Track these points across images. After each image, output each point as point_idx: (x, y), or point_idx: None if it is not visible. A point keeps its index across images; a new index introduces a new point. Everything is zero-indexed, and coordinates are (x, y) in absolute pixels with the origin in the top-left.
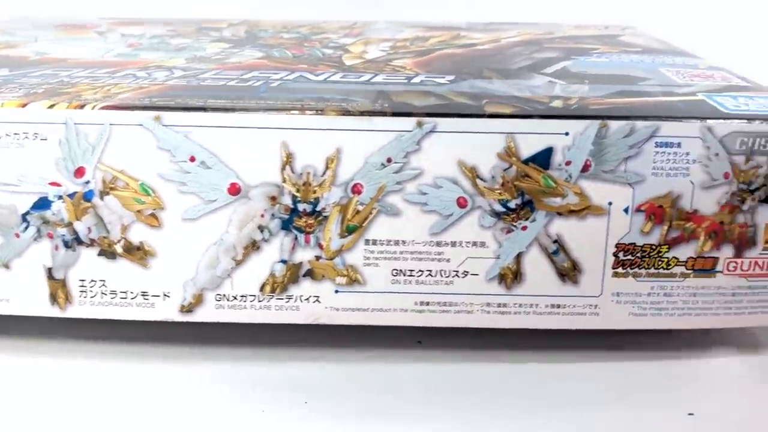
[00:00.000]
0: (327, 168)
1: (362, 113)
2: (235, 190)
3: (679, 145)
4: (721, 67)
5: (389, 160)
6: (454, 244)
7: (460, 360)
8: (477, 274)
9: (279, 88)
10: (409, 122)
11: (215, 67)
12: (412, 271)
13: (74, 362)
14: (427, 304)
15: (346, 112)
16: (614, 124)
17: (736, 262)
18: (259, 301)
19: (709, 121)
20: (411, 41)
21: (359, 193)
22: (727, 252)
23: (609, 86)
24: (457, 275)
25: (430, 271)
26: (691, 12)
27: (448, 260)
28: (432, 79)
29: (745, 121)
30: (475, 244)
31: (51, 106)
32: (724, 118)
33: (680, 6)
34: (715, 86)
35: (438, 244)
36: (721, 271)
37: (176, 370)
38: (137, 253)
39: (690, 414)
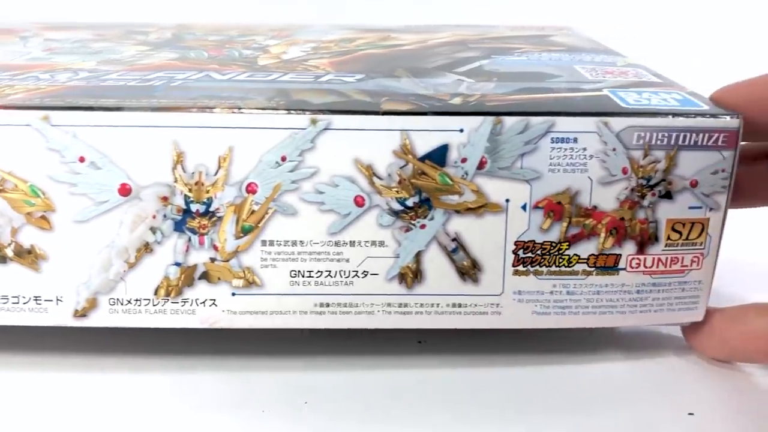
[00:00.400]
0: (219, 167)
1: (254, 110)
2: (125, 191)
3: (575, 140)
4: (638, 65)
5: (284, 159)
6: (353, 243)
7: (460, 361)
8: (377, 274)
9: (178, 87)
10: (303, 119)
11: (123, 68)
12: (310, 272)
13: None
14: (327, 305)
15: (238, 110)
16: (509, 120)
17: (639, 259)
18: (154, 305)
19: (605, 116)
20: (336, 42)
21: (254, 192)
22: (629, 249)
23: (515, 83)
24: (356, 275)
25: (330, 271)
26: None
27: (347, 260)
28: (340, 78)
29: (642, 115)
30: (374, 243)
31: None
32: (620, 114)
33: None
34: (624, 82)
35: (336, 244)
36: (624, 269)
37: (176, 370)
38: (28, 256)
39: (690, 414)
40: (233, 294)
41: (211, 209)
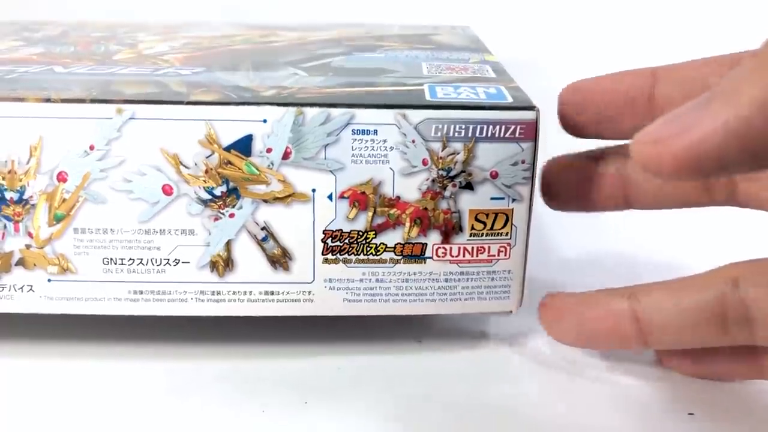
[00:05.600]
0: (31, 156)
1: (63, 101)
2: None
3: (375, 132)
4: (492, 62)
5: (92, 148)
6: (163, 232)
7: (460, 360)
8: (188, 262)
9: (7, 80)
10: (109, 109)
11: None
12: (123, 259)
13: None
14: (141, 292)
15: (47, 100)
16: (310, 112)
17: (444, 248)
18: None
19: (403, 108)
20: (211, 39)
21: (64, 181)
22: (434, 238)
23: (344, 78)
24: (168, 263)
25: (141, 259)
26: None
27: (158, 248)
28: (177, 71)
29: (440, 108)
30: (184, 231)
31: None
32: (417, 106)
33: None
34: (455, 78)
35: (147, 232)
36: (431, 257)
37: (176, 368)
38: None
39: (690, 414)
40: (49, 280)
41: (25, 197)
